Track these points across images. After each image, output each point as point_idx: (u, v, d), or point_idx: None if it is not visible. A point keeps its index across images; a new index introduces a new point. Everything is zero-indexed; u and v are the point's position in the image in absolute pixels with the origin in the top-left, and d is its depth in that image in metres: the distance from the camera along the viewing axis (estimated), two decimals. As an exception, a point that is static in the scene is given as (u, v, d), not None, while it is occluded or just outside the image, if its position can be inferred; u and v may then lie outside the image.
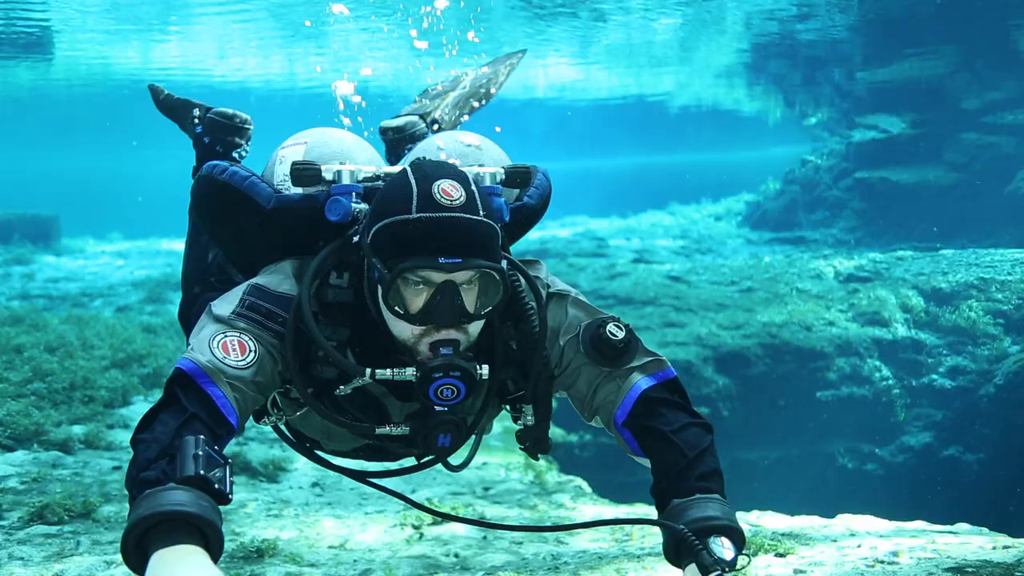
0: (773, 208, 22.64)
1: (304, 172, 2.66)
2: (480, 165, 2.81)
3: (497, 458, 7.19)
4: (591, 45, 21.75)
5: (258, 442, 7.32)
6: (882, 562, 4.19)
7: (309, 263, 2.61)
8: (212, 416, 2.35)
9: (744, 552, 2.46)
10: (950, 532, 4.88)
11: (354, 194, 2.64)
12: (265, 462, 6.50)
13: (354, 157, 2.85)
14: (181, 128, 3.95)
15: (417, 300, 2.38)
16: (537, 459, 3.04)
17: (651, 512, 2.76)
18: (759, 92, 27.73)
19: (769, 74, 23.69)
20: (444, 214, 2.35)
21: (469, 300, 2.41)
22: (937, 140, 18.44)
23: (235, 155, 3.73)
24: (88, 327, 10.64)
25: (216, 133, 3.75)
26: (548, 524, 5.71)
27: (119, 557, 4.44)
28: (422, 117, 3.78)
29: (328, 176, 2.68)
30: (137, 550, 2.07)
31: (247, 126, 3.78)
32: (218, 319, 2.50)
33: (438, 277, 2.36)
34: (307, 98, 26.76)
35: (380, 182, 2.71)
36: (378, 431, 2.65)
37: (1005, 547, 4.22)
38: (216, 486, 2.20)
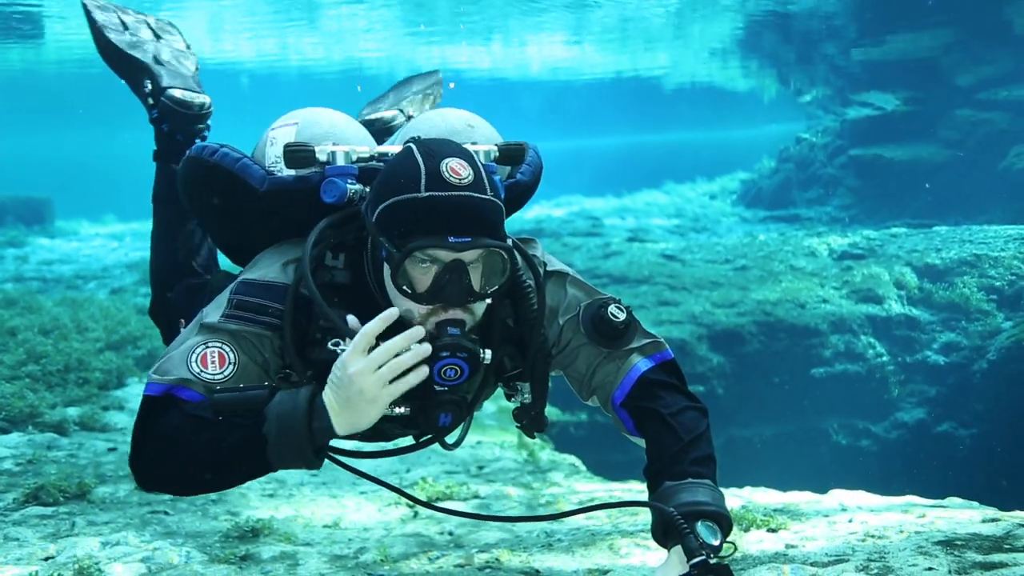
0: (768, 186, 22.64)
1: (298, 153, 2.64)
2: (473, 143, 2.81)
3: (491, 437, 7.22)
4: (585, 23, 21.68)
5: (253, 423, 7.35)
6: (873, 536, 4.22)
7: (300, 247, 2.59)
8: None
9: (729, 540, 2.52)
10: (940, 506, 4.91)
11: (349, 175, 2.63)
12: (260, 442, 6.52)
13: (346, 137, 2.82)
14: (132, 90, 3.84)
15: (424, 279, 2.38)
16: (533, 437, 3.05)
17: (644, 491, 2.79)
18: (754, 69, 27.69)
19: (764, 51, 23.66)
20: (453, 193, 2.34)
21: (475, 279, 2.41)
22: (931, 117, 18.44)
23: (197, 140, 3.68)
24: (82, 309, 10.64)
25: (175, 123, 3.67)
26: (542, 502, 5.75)
27: (115, 537, 4.47)
28: (400, 111, 3.77)
29: (322, 157, 2.66)
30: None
31: (205, 111, 3.70)
32: (205, 327, 2.49)
33: (447, 256, 2.35)
34: (300, 79, 26.69)
35: (375, 162, 2.69)
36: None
37: (994, 520, 4.25)
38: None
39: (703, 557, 2.41)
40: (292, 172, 2.69)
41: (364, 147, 2.76)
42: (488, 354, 2.47)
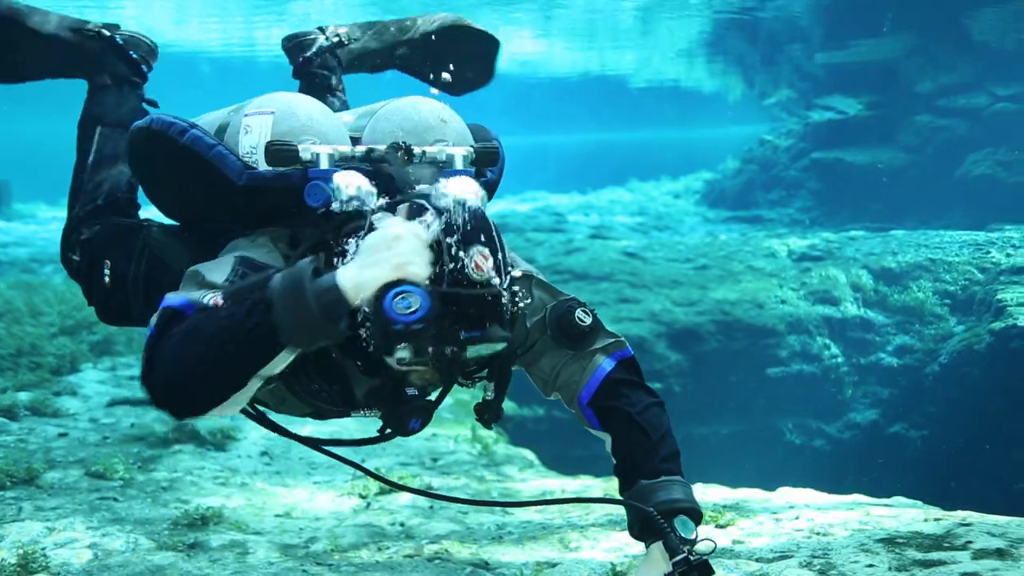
0: (731, 187, 22.78)
1: (282, 153, 2.57)
2: (445, 142, 2.78)
3: (446, 429, 7.23)
4: (553, 19, 21.70)
5: (208, 411, 7.30)
6: (818, 533, 4.29)
7: (281, 235, 2.60)
8: None
9: (709, 538, 2.74)
10: (885, 505, 5.00)
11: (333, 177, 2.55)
12: (213, 431, 6.48)
13: (324, 132, 2.76)
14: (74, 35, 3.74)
15: (421, 356, 2.33)
16: (490, 427, 3.12)
17: (597, 485, 2.86)
18: (719, 70, 27.85)
19: (729, 53, 23.80)
20: (474, 292, 2.30)
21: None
22: (891, 122, 18.64)
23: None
24: (37, 293, 10.49)
25: (133, 47, 3.71)
26: (495, 496, 5.77)
27: (62, 523, 4.43)
28: (321, 29, 3.71)
29: (305, 156, 2.59)
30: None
31: (155, 48, 3.76)
32: (211, 285, 2.41)
33: (450, 351, 2.33)
34: (268, 66, 26.45)
35: (357, 164, 2.62)
36: (352, 415, 2.69)
37: (936, 519, 4.34)
38: None
39: (684, 554, 2.62)
40: (269, 168, 2.64)
41: (344, 145, 2.70)
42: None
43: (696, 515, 2.73)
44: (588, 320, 2.78)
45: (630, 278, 14.06)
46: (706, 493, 5.56)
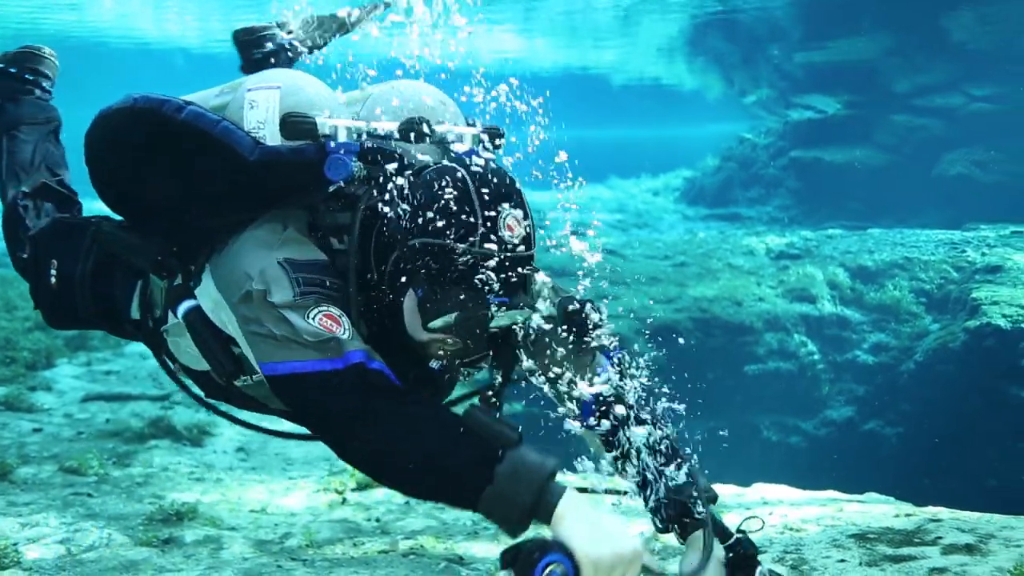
0: (710, 185, 22.89)
1: (301, 125, 2.47)
2: (445, 123, 2.72)
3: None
4: (535, 16, 21.71)
5: (184, 406, 7.26)
6: (791, 529, 4.32)
7: (292, 220, 2.49)
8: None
9: (756, 515, 2.78)
10: (858, 501, 5.04)
11: (352, 152, 2.49)
12: (189, 426, 6.46)
13: (331, 107, 2.65)
14: None
15: (447, 319, 2.33)
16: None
17: (574, 482, 2.85)
18: (699, 69, 27.94)
19: (709, 51, 23.88)
20: (508, 254, 2.30)
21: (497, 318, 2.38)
22: (869, 121, 18.79)
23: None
24: (11, 287, 10.41)
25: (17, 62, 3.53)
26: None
27: (35, 519, 4.40)
28: (280, 25, 3.56)
29: (323, 130, 2.49)
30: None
31: (51, 57, 3.57)
32: (287, 305, 2.30)
33: (480, 314, 2.32)
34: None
35: (368, 140, 2.53)
36: None
37: (908, 515, 4.37)
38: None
39: (735, 536, 2.65)
40: (280, 143, 2.52)
41: (360, 121, 2.60)
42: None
43: (714, 494, 2.76)
44: (596, 316, 2.79)
45: (609, 275, 14.06)
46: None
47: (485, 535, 4.56)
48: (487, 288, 2.29)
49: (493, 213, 2.29)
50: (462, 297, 2.26)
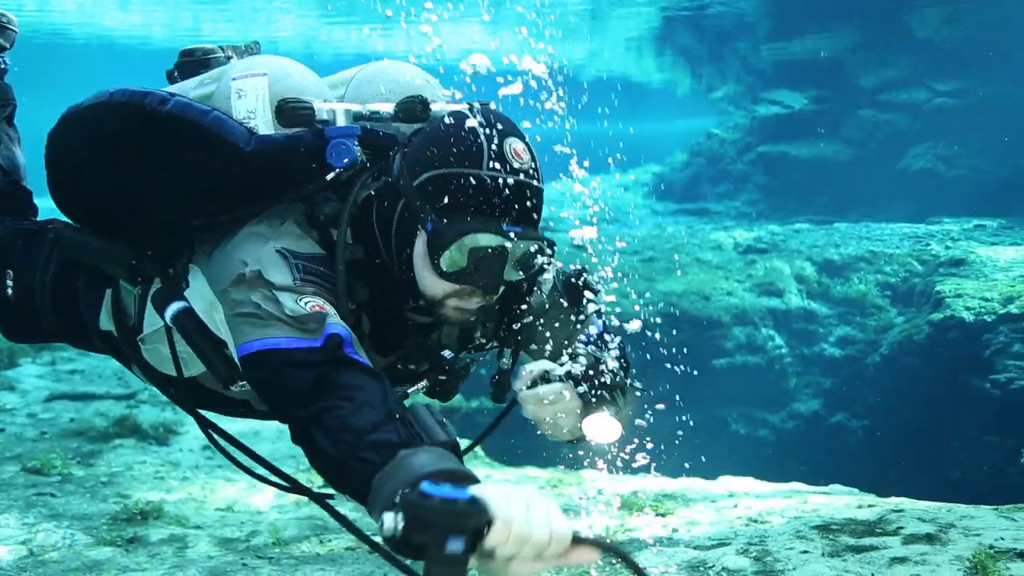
0: (679, 180, 22.96)
1: (299, 110, 2.33)
2: (441, 102, 2.68)
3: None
4: (501, 10, 21.69)
5: (150, 405, 7.21)
6: (755, 521, 4.36)
7: (290, 212, 2.33)
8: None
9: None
10: (823, 492, 5.09)
11: (353, 136, 2.33)
12: (155, 424, 6.41)
13: (320, 92, 2.52)
14: None
15: (460, 261, 2.18)
16: (503, 401, 2.98)
17: (541, 476, 2.85)
18: (667, 64, 28.04)
19: (677, 46, 23.96)
20: (516, 177, 2.18)
21: (509, 267, 2.25)
22: (836, 116, 18.92)
23: None
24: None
25: None
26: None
27: (-4, 519, 4.36)
28: (222, 48, 3.38)
29: (321, 115, 2.35)
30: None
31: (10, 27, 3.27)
32: (285, 287, 2.13)
33: (494, 241, 2.18)
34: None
35: (368, 122, 2.40)
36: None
37: (870, 506, 4.43)
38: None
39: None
40: (273, 131, 2.38)
41: (356, 104, 2.45)
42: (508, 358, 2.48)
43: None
44: (596, 286, 2.78)
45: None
46: (646, 483, 5.62)
47: (452, 531, 4.57)
48: (499, 213, 2.16)
49: (499, 142, 2.19)
50: (471, 220, 2.14)
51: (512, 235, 2.17)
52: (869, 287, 12.92)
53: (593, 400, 2.39)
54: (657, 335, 3.16)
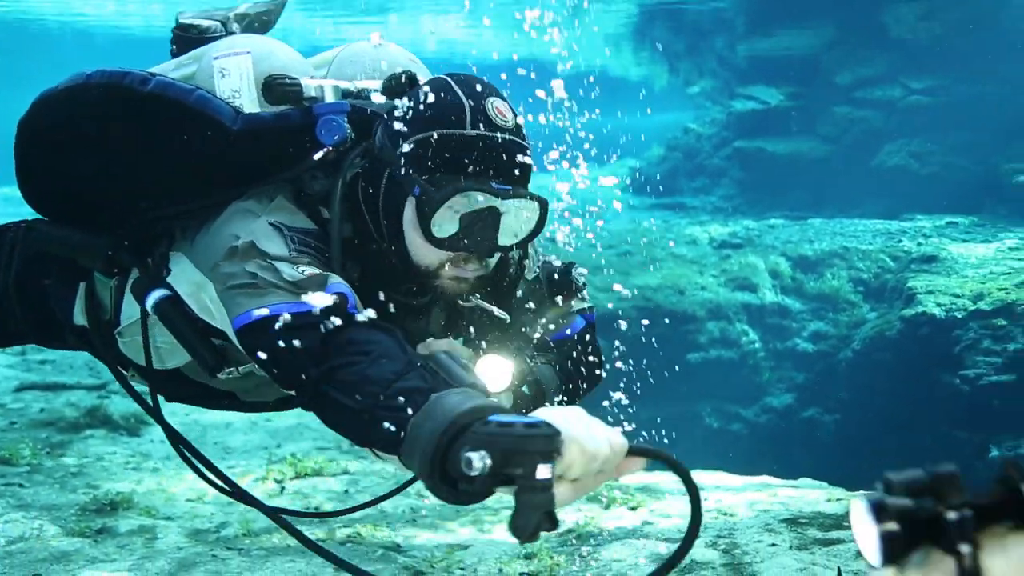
0: (656, 174, 23.01)
1: (286, 87, 2.30)
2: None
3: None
4: (480, 2, 21.67)
5: (121, 395, 7.16)
6: (725, 514, 4.39)
7: (279, 191, 2.28)
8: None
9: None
10: (792, 486, 5.13)
11: (342, 113, 2.29)
12: (126, 415, 6.37)
13: (304, 71, 2.49)
14: None
15: (450, 225, 2.14)
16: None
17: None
18: (645, 58, 28.07)
19: (655, 41, 23.99)
20: (501, 135, 2.15)
21: (502, 231, 2.21)
22: (811, 113, 19.00)
23: None
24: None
25: None
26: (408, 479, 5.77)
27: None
28: (223, 23, 3.30)
29: (309, 92, 2.32)
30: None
31: None
32: (280, 257, 2.08)
33: (485, 202, 2.14)
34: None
35: (356, 99, 2.38)
36: None
37: (838, 500, 4.47)
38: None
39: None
40: (259, 109, 2.33)
41: (344, 81, 2.43)
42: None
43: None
44: (582, 280, 2.79)
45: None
46: (618, 477, 5.63)
47: (423, 522, 4.58)
48: (487, 172, 2.13)
49: (481, 102, 2.16)
50: (461, 179, 2.10)
51: (502, 193, 2.14)
52: (842, 283, 13.02)
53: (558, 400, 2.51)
54: (624, 325, 3.18)
